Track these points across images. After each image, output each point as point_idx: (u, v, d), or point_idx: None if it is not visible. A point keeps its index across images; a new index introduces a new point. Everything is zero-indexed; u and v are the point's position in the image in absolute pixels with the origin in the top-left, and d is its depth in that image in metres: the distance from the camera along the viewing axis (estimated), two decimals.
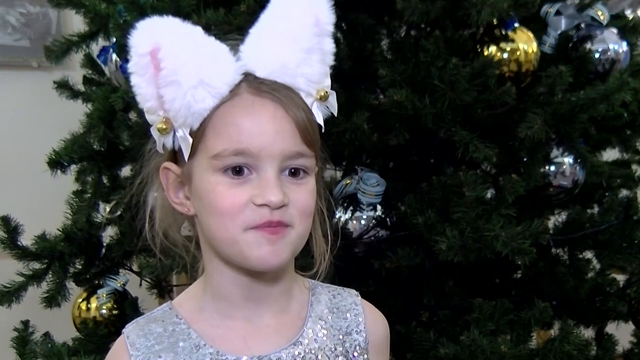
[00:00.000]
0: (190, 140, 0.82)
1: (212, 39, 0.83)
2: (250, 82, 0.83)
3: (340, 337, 0.91)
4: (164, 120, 0.82)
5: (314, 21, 0.85)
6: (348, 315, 0.93)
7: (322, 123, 0.86)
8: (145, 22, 0.83)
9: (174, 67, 0.79)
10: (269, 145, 0.81)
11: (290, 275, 0.91)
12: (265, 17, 0.87)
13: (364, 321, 0.93)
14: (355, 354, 0.91)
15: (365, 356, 0.92)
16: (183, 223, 0.92)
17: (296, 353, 0.87)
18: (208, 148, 0.82)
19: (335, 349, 0.90)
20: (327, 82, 0.87)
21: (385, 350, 0.98)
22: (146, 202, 0.94)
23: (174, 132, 0.83)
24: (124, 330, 0.89)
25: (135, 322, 0.89)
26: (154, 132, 0.84)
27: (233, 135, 0.81)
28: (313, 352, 0.88)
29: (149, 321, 0.88)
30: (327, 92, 0.86)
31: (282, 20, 0.85)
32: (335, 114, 0.89)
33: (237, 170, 0.81)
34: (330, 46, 0.86)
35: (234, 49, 0.84)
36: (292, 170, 0.83)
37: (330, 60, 0.87)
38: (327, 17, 0.86)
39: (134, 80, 0.82)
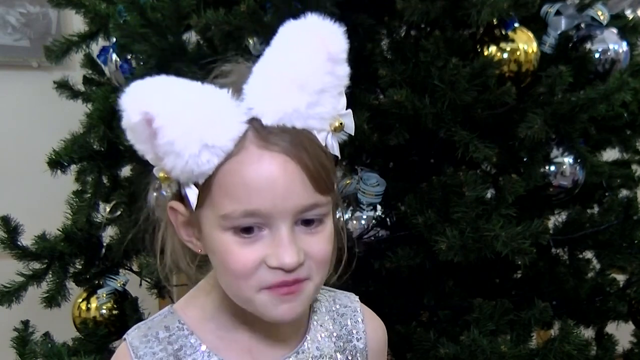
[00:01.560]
0: (197, 192, 0.77)
1: (212, 89, 0.76)
2: (258, 131, 0.75)
3: (341, 343, 0.90)
4: (165, 175, 0.77)
5: (325, 57, 0.77)
6: (349, 321, 0.92)
7: (338, 153, 0.81)
8: (136, 86, 0.75)
9: (171, 138, 0.73)
10: (280, 203, 0.75)
11: None
12: (271, 56, 0.78)
13: (365, 328, 0.92)
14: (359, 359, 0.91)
15: None
16: (196, 258, 0.88)
17: None
18: (215, 206, 0.76)
19: (337, 356, 0.89)
20: (342, 105, 0.80)
21: (383, 357, 0.97)
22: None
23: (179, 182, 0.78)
24: (125, 337, 0.86)
25: (137, 327, 0.87)
26: (157, 173, 0.78)
27: (242, 196, 0.75)
28: (316, 359, 0.87)
29: (152, 327, 0.86)
30: (341, 123, 0.79)
31: (290, 60, 0.76)
32: (353, 134, 0.82)
33: (247, 229, 0.76)
34: (344, 71, 0.79)
35: (236, 87, 0.77)
36: (306, 220, 0.77)
37: (344, 86, 0.80)
38: (339, 48, 0.78)
39: (129, 136, 0.77)
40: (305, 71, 0.76)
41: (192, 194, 0.77)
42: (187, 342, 0.85)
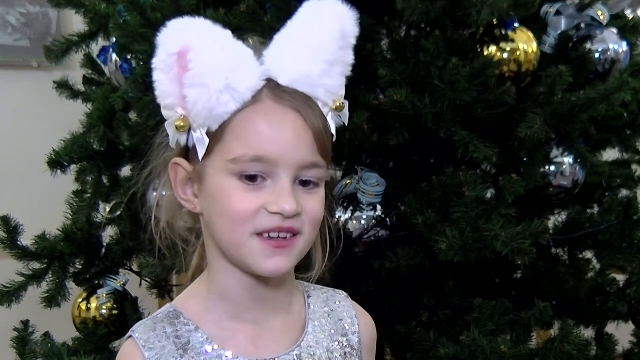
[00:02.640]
0: (207, 140, 0.82)
1: (240, 43, 0.83)
2: (273, 89, 0.83)
3: (338, 338, 0.92)
4: (182, 118, 0.82)
5: (340, 34, 0.85)
6: (344, 316, 0.94)
7: (334, 132, 0.87)
8: (177, 22, 0.82)
9: (202, 70, 0.79)
10: (287, 153, 0.81)
11: (292, 276, 0.91)
12: (292, 25, 0.86)
13: (358, 323, 0.94)
14: (354, 353, 0.92)
15: (360, 356, 0.93)
16: (179, 217, 0.92)
17: (302, 355, 0.88)
18: (226, 151, 0.82)
19: (334, 350, 0.90)
20: (343, 92, 0.87)
21: (374, 351, 0.99)
22: (151, 195, 0.94)
23: (190, 131, 0.83)
24: (131, 333, 0.87)
25: (143, 324, 0.89)
26: (169, 127, 0.84)
27: (253, 141, 0.81)
28: (317, 353, 0.89)
29: (157, 322, 0.88)
30: (342, 103, 0.86)
31: (309, 30, 0.85)
32: (347, 124, 0.89)
33: (251, 177, 0.81)
34: (350, 58, 0.87)
35: (258, 53, 0.84)
36: (303, 181, 0.83)
37: (348, 71, 0.87)
38: (353, 31, 0.86)
39: (157, 76, 0.82)
40: (321, 41, 0.84)
41: (202, 142, 0.82)
42: (195, 337, 0.86)
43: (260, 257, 0.82)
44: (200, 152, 0.83)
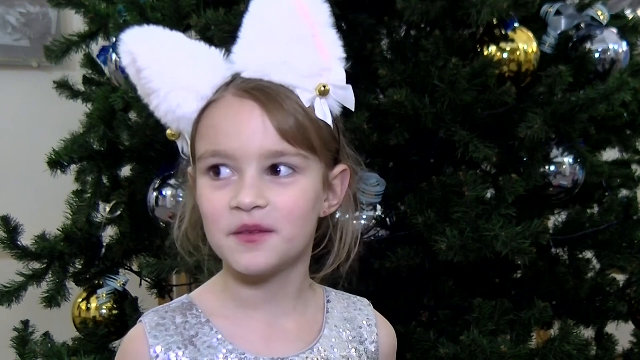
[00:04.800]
0: (189, 142, 0.83)
1: (196, 43, 0.84)
2: (237, 84, 0.82)
3: (355, 345, 0.90)
4: (169, 127, 0.84)
5: (299, 12, 0.81)
6: (363, 325, 0.92)
7: (328, 120, 0.82)
8: (126, 34, 0.83)
9: (149, 76, 0.81)
10: (245, 145, 0.78)
11: (301, 277, 0.88)
12: (247, 17, 0.85)
13: (377, 332, 0.93)
14: None
15: None
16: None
17: (315, 358, 0.86)
18: (196, 151, 0.82)
19: (350, 357, 0.89)
20: (333, 76, 0.82)
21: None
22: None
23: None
24: (142, 319, 0.88)
25: (154, 311, 0.88)
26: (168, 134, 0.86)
27: (211, 137, 0.80)
28: (330, 358, 0.87)
29: (169, 311, 0.87)
30: (325, 87, 0.81)
31: (263, 16, 0.83)
32: (353, 109, 0.85)
33: (217, 172, 0.80)
34: (331, 37, 0.83)
35: (229, 53, 0.84)
36: (276, 169, 0.79)
37: (335, 52, 0.83)
38: (318, 6, 0.82)
39: (139, 91, 0.84)
40: (276, 24, 0.81)
41: (186, 145, 0.84)
42: (204, 330, 0.85)
43: (236, 253, 0.80)
44: (189, 155, 0.84)
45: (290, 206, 0.79)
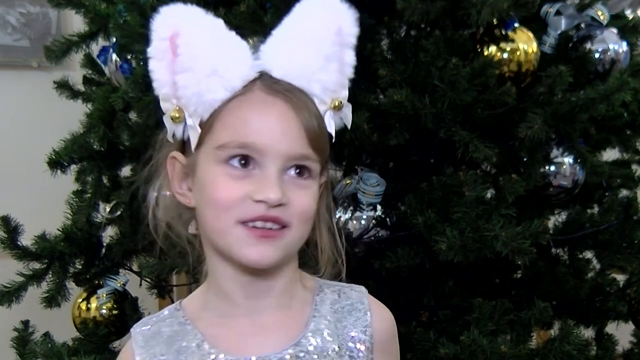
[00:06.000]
0: (199, 130, 0.83)
1: (233, 34, 0.84)
2: (265, 81, 0.83)
3: (345, 337, 0.90)
4: (177, 108, 0.83)
5: (336, 30, 0.85)
6: (354, 314, 0.91)
7: (333, 132, 0.87)
8: (168, 8, 0.83)
9: (190, 54, 0.81)
10: (274, 143, 0.81)
11: (291, 272, 0.90)
12: (288, 20, 0.87)
13: (371, 320, 0.92)
14: (360, 354, 0.90)
15: (370, 356, 0.91)
16: (190, 220, 0.92)
17: (299, 353, 0.86)
18: (214, 139, 0.82)
19: (340, 350, 0.88)
20: (344, 93, 0.87)
21: (392, 346, 0.97)
22: (152, 195, 0.94)
23: (185, 122, 0.84)
24: (132, 330, 0.90)
25: (143, 322, 0.91)
26: (166, 120, 0.85)
27: (240, 129, 0.81)
28: (316, 352, 0.87)
29: (158, 321, 0.90)
30: (341, 102, 0.86)
31: (304, 24, 0.85)
32: (349, 127, 0.89)
33: (244, 163, 0.82)
34: (351, 58, 0.87)
35: (256, 48, 0.85)
36: (298, 170, 0.83)
37: (349, 72, 0.87)
38: (350, 29, 0.86)
39: (152, 65, 0.83)
40: (315, 35, 0.84)
41: (194, 130, 0.83)
42: (188, 336, 0.87)
43: (244, 245, 0.82)
44: (193, 142, 0.84)
45: (305, 207, 0.84)
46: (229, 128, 0.82)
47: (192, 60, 0.81)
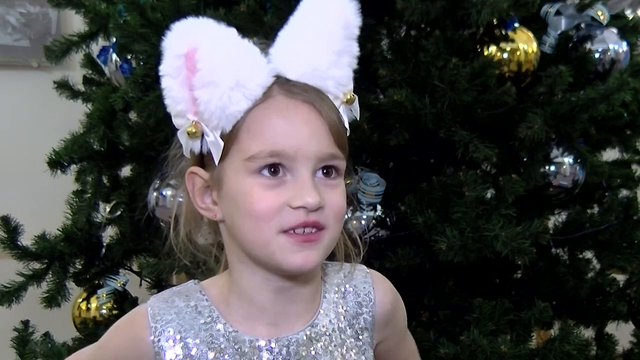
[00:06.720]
0: (222, 143, 0.81)
1: (246, 41, 0.83)
2: (282, 84, 0.83)
3: (350, 318, 0.92)
4: (194, 124, 0.81)
5: (344, 23, 0.85)
6: (359, 294, 0.93)
7: (347, 126, 0.87)
8: (181, 24, 0.82)
9: (211, 68, 0.79)
10: (304, 146, 0.81)
11: (319, 274, 0.91)
12: (294, 20, 0.86)
13: (374, 296, 0.93)
14: (365, 333, 0.92)
15: (368, 334, 0.93)
16: (200, 229, 0.92)
17: (312, 334, 0.88)
18: (242, 150, 0.81)
19: (347, 330, 0.91)
20: (352, 85, 0.87)
21: (398, 314, 0.99)
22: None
23: (203, 137, 0.82)
24: (148, 302, 0.89)
25: (160, 295, 0.90)
26: (181, 136, 0.83)
27: (269, 137, 0.80)
28: (327, 333, 0.89)
29: (173, 294, 0.89)
30: (353, 96, 0.86)
31: (312, 22, 0.85)
32: (358, 118, 0.89)
33: (273, 171, 0.81)
34: (356, 49, 0.87)
35: (264, 51, 0.84)
36: (325, 171, 0.83)
37: (354, 64, 0.87)
38: (356, 20, 0.86)
39: (166, 82, 0.81)
40: (326, 32, 0.84)
41: (216, 145, 0.82)
42: (205, 312, 0.87)
43: (288, 252, 0.81)
44: (216, 156, 0.82)
45: (339, 206, 0.84)
46: (257, 137, 0.81)
47: (213, 74, 0.79)
